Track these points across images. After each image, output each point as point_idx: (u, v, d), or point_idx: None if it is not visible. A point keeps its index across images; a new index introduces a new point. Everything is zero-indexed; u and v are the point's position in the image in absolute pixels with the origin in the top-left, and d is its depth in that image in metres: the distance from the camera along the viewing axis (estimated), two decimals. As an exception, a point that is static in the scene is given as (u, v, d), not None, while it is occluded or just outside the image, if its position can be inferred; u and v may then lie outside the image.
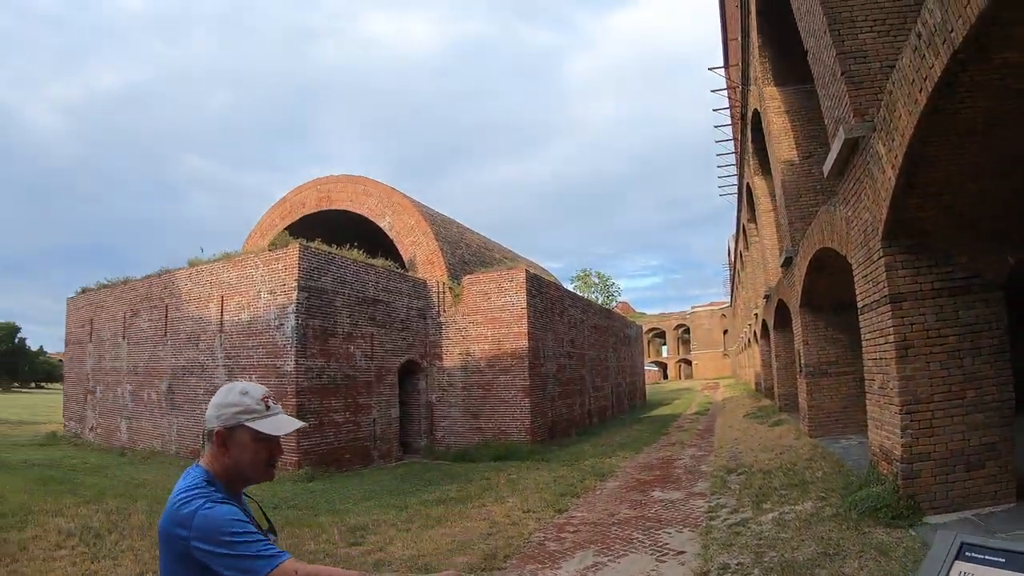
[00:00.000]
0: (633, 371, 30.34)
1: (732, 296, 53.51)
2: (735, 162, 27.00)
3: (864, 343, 6.82)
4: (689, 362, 75.50)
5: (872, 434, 6.74)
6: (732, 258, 46.82)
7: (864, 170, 6.23)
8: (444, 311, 16.47)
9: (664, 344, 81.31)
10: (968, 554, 1.38)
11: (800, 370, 12.62)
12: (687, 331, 77.28)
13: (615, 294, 72.14)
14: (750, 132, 18.10)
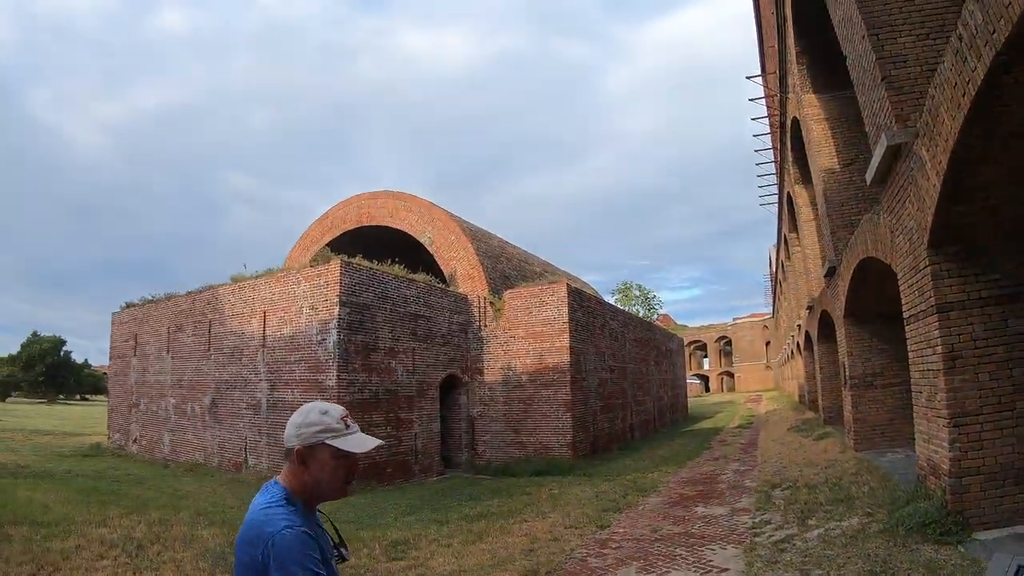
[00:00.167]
0: (675, 384, 29.97)
1: (774, 307, 52.56)
2: (775, 171, 26.60)
3: (910, 354, 6.63)
4: (731, 374, 74.25)
5: (919, 448, 6.54)
6: (773, 268, 46.01)
7: (908, 177, 6.09)
8: (485, 325, 16.55)
9: (705, 357, 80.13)
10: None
11: (845, 382, 12.32)
12: (729, 343, 76.05)
13: (656, 307, 71.62)
14: (790, 140, 17.82)
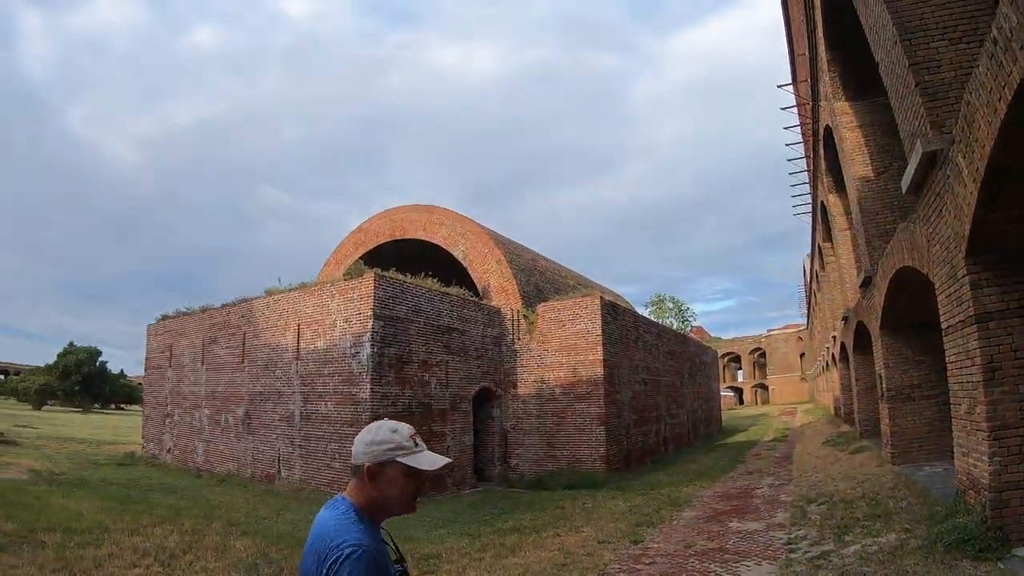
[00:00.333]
0: (709, 397, 29.58)
1: (808, 318, 51.63)
2: (808, 180, 26.23)
3: (949, 365, 6.47)
4: (765, 387, 72.93)
5: (958, 461, 6.37)
6: (807, 279, 45.22)
7: (944, 184, 5.97)
8: (519, 339, 16.54)
9: (739, 369, 78.94)
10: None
11: (881, 394, 12.03)
12: (763, 355, 74.78)
13: (690, 319, 70.90)
14: (822, 149, 17.57)
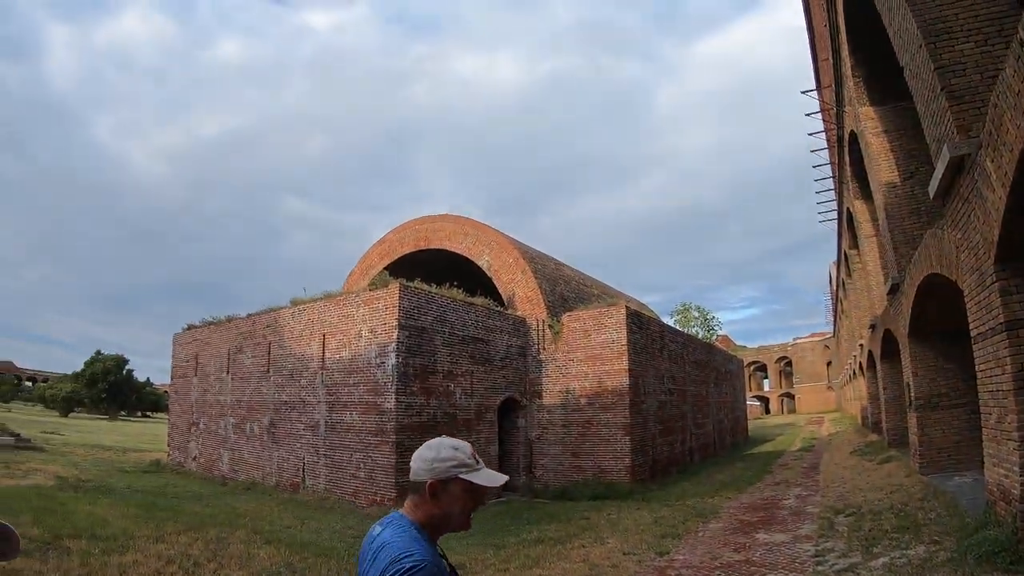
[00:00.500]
0: (735, 406, 29.21)
1: (835, 326, 50.85)
2: (833, 187, 25.90)
3: (979, 374, 6.33)
4: (792, 396, 71.87)
5: (989, 472, 6.22)
6: (834, 286, 44.57)
7: (972, 189, 5.86)
8: (544, 349, 16.52)
9: (765, 378, 77.88)
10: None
11: (910, 403, 11.80)
12: (789, 364, 73.71)
13: (715, 328, 70.12)
14: (848, 155, 17.36)
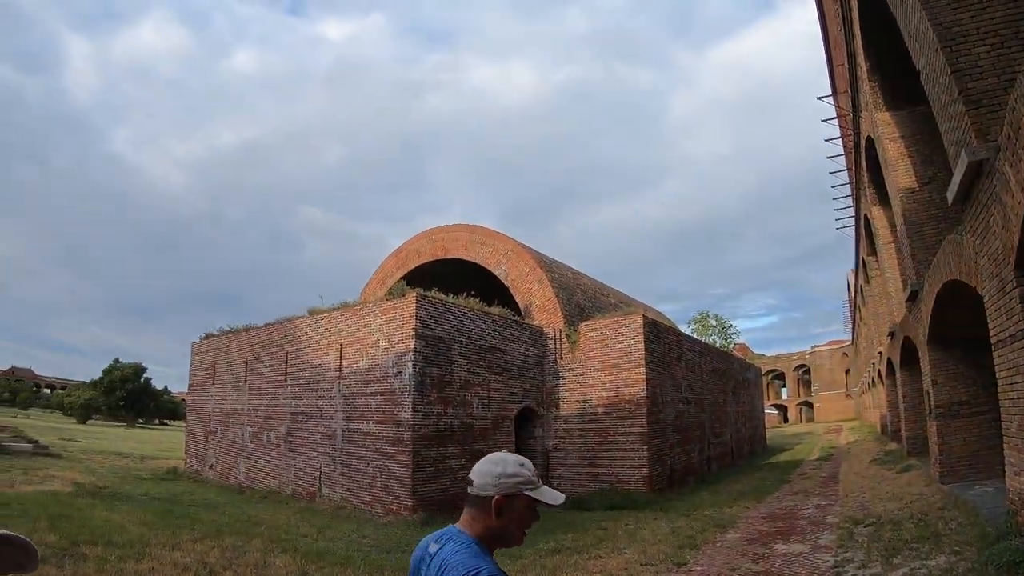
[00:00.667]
0: (753, 415, 28.94)
1: (853, 334, 50.28)
2: (851, 193, 25.68)
3: (999, 381, 6.23)
4: (810, 404, 71.07)
5: (1010, 480, 6.12)
6: (852, 294, 44.09)
7: (991, 195, 5.78)
8: (561, 358, 16.48)
9: (783, 386, 76.97)
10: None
11: (929, 411, 11.62)
12: (807, 372, 72.93)
13: (733, 336, 69.52)
14: (864, 160, 17.20)
